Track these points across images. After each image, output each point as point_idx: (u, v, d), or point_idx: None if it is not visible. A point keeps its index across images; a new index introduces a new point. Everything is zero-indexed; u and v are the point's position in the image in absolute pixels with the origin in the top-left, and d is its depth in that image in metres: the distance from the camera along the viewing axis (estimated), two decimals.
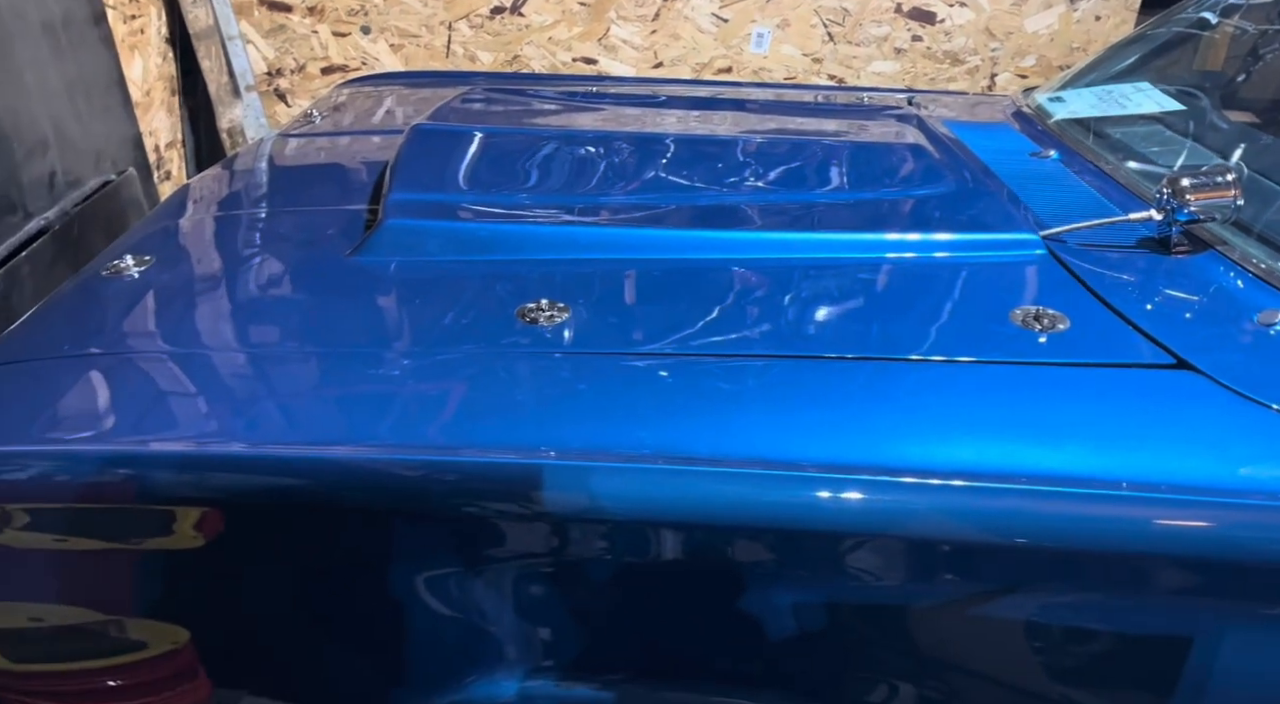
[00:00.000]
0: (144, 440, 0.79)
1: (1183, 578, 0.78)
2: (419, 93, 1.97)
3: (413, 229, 1.08)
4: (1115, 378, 0.87)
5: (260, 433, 0.80)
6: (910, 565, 0.79)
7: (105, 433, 0.80)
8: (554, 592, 0.82)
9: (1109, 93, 1.86)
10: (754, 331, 0.94)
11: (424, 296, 0.99)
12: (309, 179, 1.40)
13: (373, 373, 0.86)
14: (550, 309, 0.95)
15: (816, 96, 2.09)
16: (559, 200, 1.20)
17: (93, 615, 0.83)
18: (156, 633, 0.84)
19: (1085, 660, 0.82)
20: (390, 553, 0.81)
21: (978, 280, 1.06)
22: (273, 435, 0.80)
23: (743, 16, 3.06)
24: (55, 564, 0.83)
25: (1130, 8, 3.16)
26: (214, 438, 0.79)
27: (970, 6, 3.10)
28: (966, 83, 3.20)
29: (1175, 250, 1.12)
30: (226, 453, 0.78)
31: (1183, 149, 1.57)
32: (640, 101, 1.79)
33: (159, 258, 1.08)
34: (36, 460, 0.78)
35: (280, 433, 0.80)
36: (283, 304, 0.98)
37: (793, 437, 0.80)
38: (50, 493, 0.78)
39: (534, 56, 3.10)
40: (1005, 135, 1.69)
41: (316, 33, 3.12)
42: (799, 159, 1.39)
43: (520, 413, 0.81)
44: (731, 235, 1.11)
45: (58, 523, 0.80)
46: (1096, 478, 0.76)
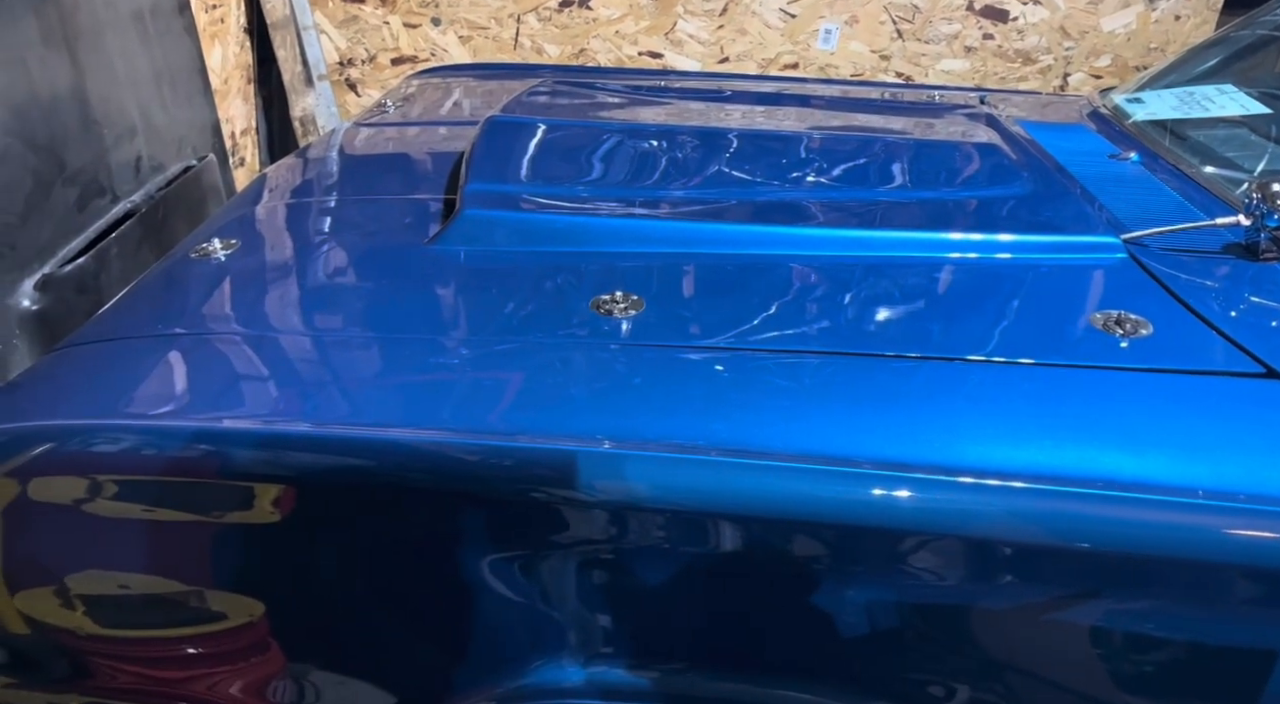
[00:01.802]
0: (225, 417, 0.82)
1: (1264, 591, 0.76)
2: (487, 84, 2.00)
3: (490, 219, 1.10)
4: (1203, 385, 0.85)
5: (335, 414, 0.82)
6: (984, 567, 0.78)
7: (189, 409, 0.83)
8: (617, 580, 0.82)
9: (1190, 94, 1.81)
10: (834, 328, 0.94)
11: (501, 286, 1.00)
12: (383, 168, 1.43)
13: (450, 359, 0.88)
14: (624, 301, 0.96)
15: (885, 93, 2.07)
16: (631, 193, 1.21)
17: (175, 586, 0.87)
18: (234, 605, 0.87)
19: (1157, 672, 0.80)
20: (458, 536, 0.82)
21: (1056, 282, 1.04)
22: (348, 417, 0.82)
23: (811, 12, 3.03)
24: (141, 534, 0.86)
25: (1213, 8, 3.07)
26: (290, 417, 0.81)
27: (1045, 4, 3.03)
28: (1038, 82, 3.13)
29: (1264, 257, 1.09)
30: (301, 432, 0.80)
31: (1268, 153, 1.52)
32: (708, 96, 1.79)
33: (244, 242, 1.11)
34: (126, 434, 0.81)
35: (356, 415, 0.82)
36: (363, 290, 1.01)
37: (874, 434, 0.80)
38: (138, 465, 0.81)
39: (600, 50, 3.11)
40: (1082, 136, 1.66)
41: (388, 24, 3.16)
42: (871, 156, 1.38)
43: (595, 401, 0.82)
44: (805, 232, 1.11)
45: (144, 494, 0.83)
46: (1182, 486, 0.74)
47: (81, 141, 1.58)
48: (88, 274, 1.42)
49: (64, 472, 0.82)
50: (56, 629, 0.87)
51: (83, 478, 0.82)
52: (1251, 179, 1.35)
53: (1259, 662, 0.78)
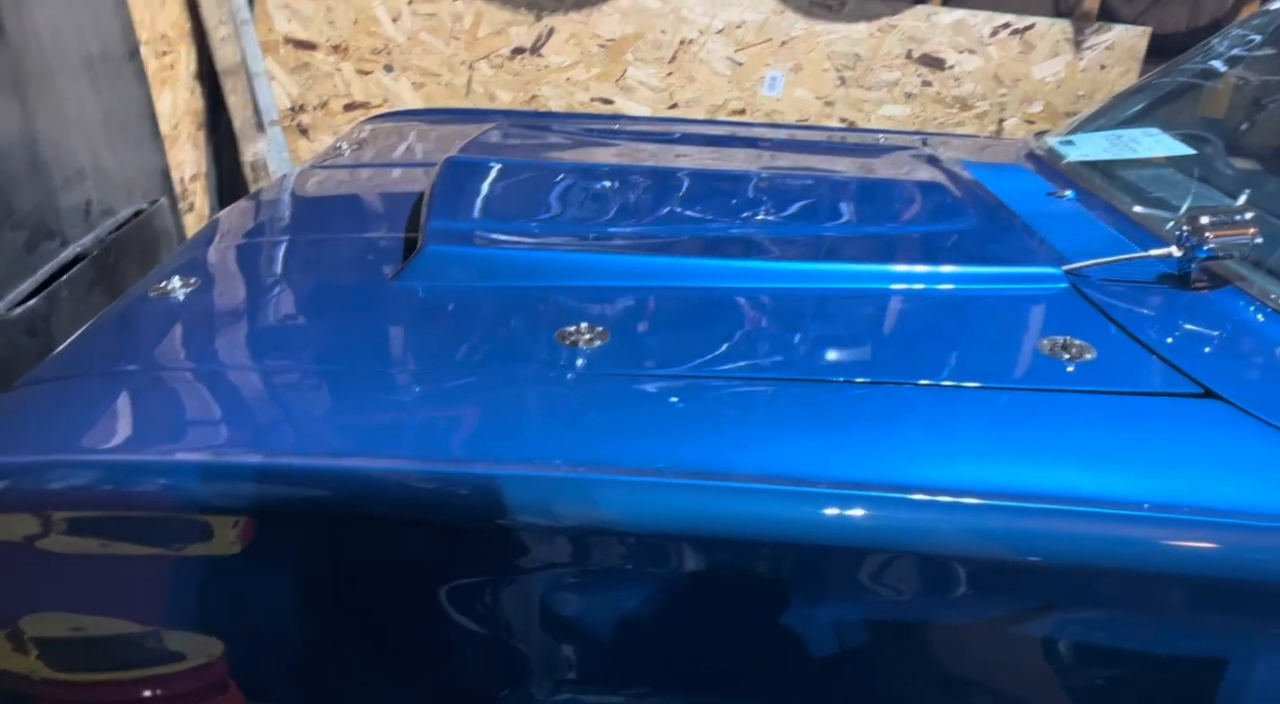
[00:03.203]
0: (183, 450, 0.81)
1: (1209, 601, 0.79)
2: (441, 129, 2.02)
3: (452, 255, 1.11)
4: (1145, 406, 0.89)
5: (300, 445, 0.82)
6: (941, 585, 0.80)
7: (148, 444, 0.82)
8: (584, 605, 0.83)
9: (1119, 137, 1.90)
10: (790, 358, 0.97)
11: (465, 319, 1.02)
12: (341, 209, 1.44)
13: (417, 391, 0.89)
14: (589, 333, 0.97)
15: (832, 136, 2.14)
16: (589, 230, 1.24)
17: (132, 626, 0.85)
18: (193, 644, 0.85)
19: (1112, 684, 0.83)
20: (420, 567, 0.82)
21: (1003, 311, 1.09)
22: (313, 448, 0.81)
23: (757, 60, 3.13)
24: (97, 573, 0.84)
25: (1135, 57, 3.23)
26: (254, 449, 0.81)
27: (979, 53, 3.17)
28: (975, 127, 3.26)
29: (1195, 286, 1.15)
30: (261, 464, 0.80)
31: (1193, 191, 1.60)
32: (661, 138, 1.83)
33: (203, 281, 1.11)
34: (83, 470, 0.80)
35: (321, 446, 0.82)
36: (328, 325, 1.01)
37: (831, 457, 0.82)
38: (94, 501, 0.80)
39: (552, 96, 3.16)
40: (1021, 175, 1.73)
41: (340, 70, 3.18)
42: (823, 194, 1.43)
43: (563, 428, 0.83)
44: (763, 266, 1.14)
45: (100, 531, 0.81)
46: (1129, 501, 0.77)
47: (30, 185, 1.56)
48: (38, 317, 1.39)
49: (18, 509, 0.80)
50: (8, 674, 0.85)
51: (37, 515, 0.80)
52: (1179, 214, 1.42)
53: (1206, 669, 0.80)
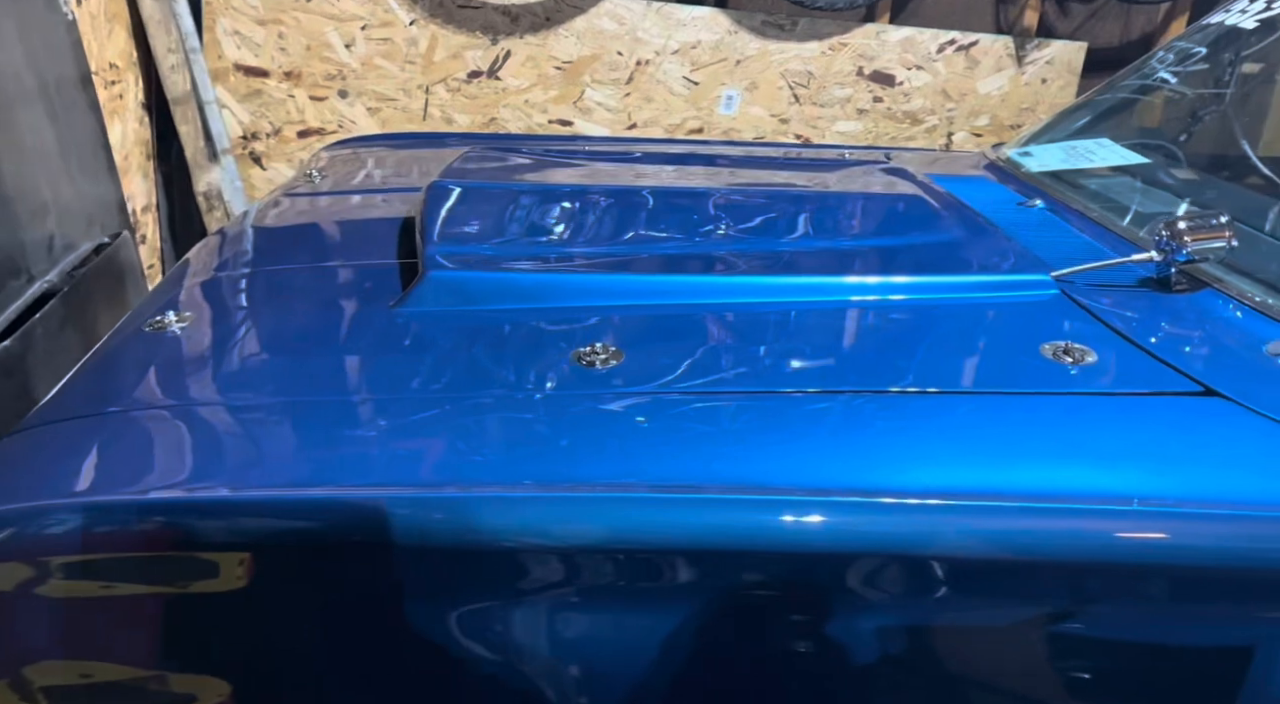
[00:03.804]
0: (194, 487, 0.79)
1: (1234, 593, 0.82)
2: (405, 153, 2.01)
3: (455, 280, 1.10)
4: (1151, 406, 0.93)
5: (323, 477, 0.80)
6: (976, 588, 0.81)
7: (155, 483, 0.80)
8: (591, 627, 0.82)
9: (1074, 148, 1.97)
10: (804, 368, 0.98)
11: (474, 344, 1.01)
12: (328, 236, 1.42)
13: (438, 417, 0.88)
14: (605, 352, 0.97)
15: (799, 153, 2.18)
16: (587, 250, 1.24)
17: (138, 671, 0.82)
18: (201, 687, 0.83)
19: (1130, 680, 0.85)
20: (435, 596, 0.81)
21: (1001, 319, 1.12)
22: (327, 481, 0.80)
23: (713, 80, 3.17)
24: (102, 618, 0.81)
25: (1073, 71, 3.35)
26: (275, 484, 0.79)
27: (927, 69, 3.25)
28: (925, 141, 3.34)
29: (1175, 288, 1.20)
30: (272, 498, 0.78)
31: (1151, 196, 1.67)
32: (645, 158, 1.85)
33: (198, 314, 1.08)
34: (74, 513, 0.78)
35: (337, 479, 0.81)
36: (334, 355, 0.99)
37: (846, 465, 0.84)
38: (98, 544, 0.78)
39: (510, 118, 3.16)
40: (988, 187, 1.78)
41: (293, 97, 3.14)
42: (815, 210, 1.45)
43: (598, 451, 0.83)
44: (767, 281, 1.15)
45: (104, 574, 0.79)
46: (1153, 497, 0.80)
47: None
48: (13, 357, 1.35)
49: (20, 557, 0.78)
50: None
51: (41, 562, 0.78)
52: (1153, 220, 1.48)
53: (1225, 662, 0.83)
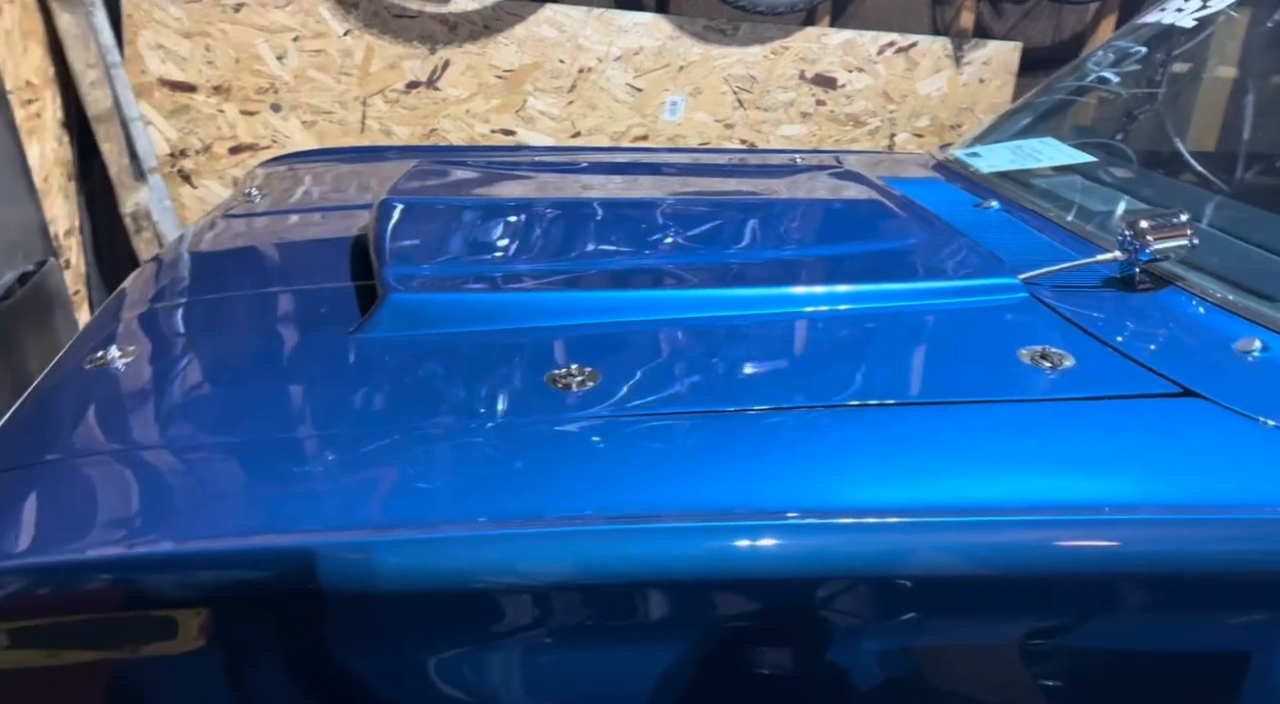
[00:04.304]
0: (162, 539, 0.73)
1: (1225, 597, 0.82)
2: (351, 168, 1.94)
3: (417, 303, 1.05)
4: (1133, 409, 0.92)
5: (319, 517, 0.75)
6: (950, 607, 0.79)
7: (93, 541, 0.74)
8: (546, 668, 0.78)
9: (1020, 147, 1.99)
10: (787, 385, 0.95)
11: (444, 369, 0.96)
12: (272, 259, 1.35)
13: (414, 449, 0.83)
14: (580, 374, 0.94)
15: (751, 159, 2.16)
16: (554, 266, 1.20)
17: None
18: None
19: (1119, 690, 0.84)
20: (404, 640, 0.76)
21: (973, 325, 1.10)
22: (306, 523, 0.75)
23: (656, 86, 3.15)
24: (45, 690, 0.75)
25: (1010, 70, 3.41)
26: (207, 535, 0.74)
27: (868, 72, 3.28)
28: (868, 143, 3.37)
29: (1140, 287, 1.20)
30: (212, 549, 0.73)
31: (1102, 195, 1.69)
32: (596, 169, 1.81)
33: (143, 347, 1.02)
34: (13, 577, 0.71)
35: (293, 525, 0.76)
36: (296, 387, 0.94)
37: (832, 479, 0.81)
38: (31, 609, 0.72)
39: (451, 129, 3.10)
40: (942, 189, 1.78)
41: (223, 111, 3.04)
42: (775, 218, 1.43)
43: (580, 480, 0.79)
44: (741, 293, 1.13)
45: (43, 642, 0.73)
46: (1143, 504, 0.79)
47: None
48: None
49: None
50: None
51: None
52: (1109, 219, 1.49)
53: (1219, 665, 0.82)
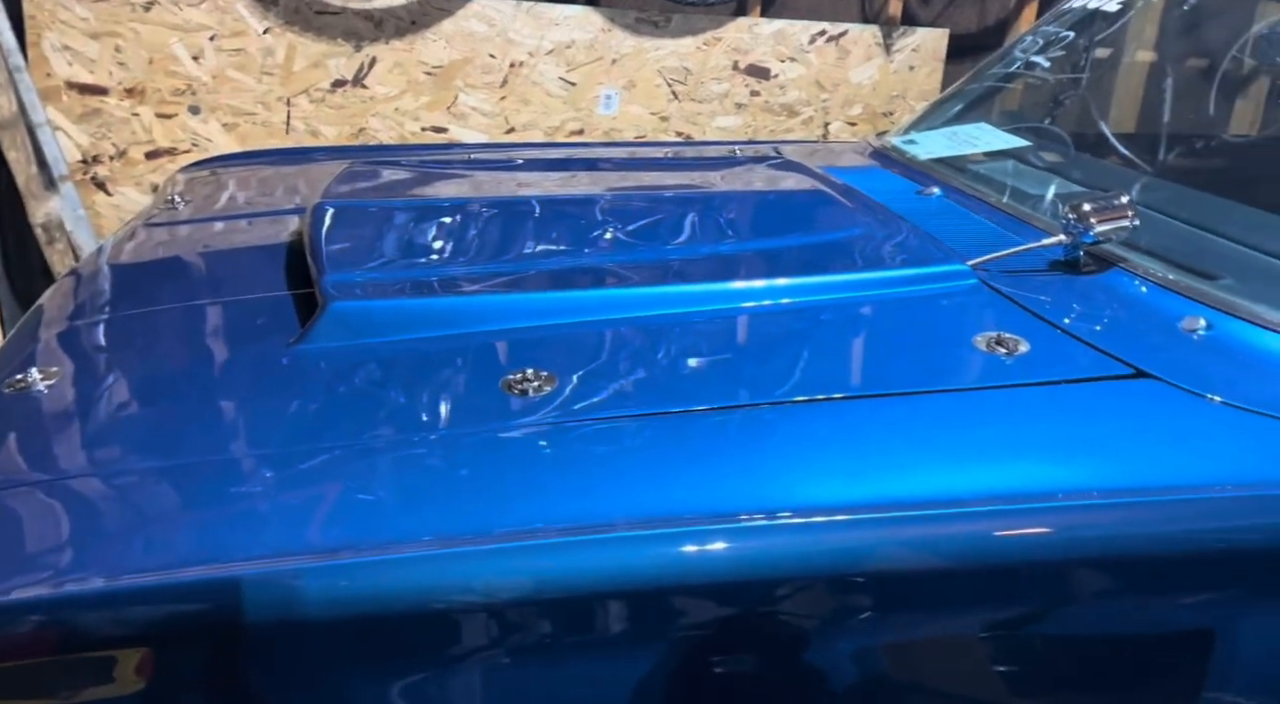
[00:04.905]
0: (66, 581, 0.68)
1: (1184, 577, 0.82)
2: (278, 171, 1.87)
3: (359, 310, 1.01)
4: (1088, 392, 0.92)
5: (232, 550, 0.71)
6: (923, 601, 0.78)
7: (18, 581, 0.69)
8: (502, 687, 0.76)
9: (955, 133, 2.01)
10: (743, 381, 0.94)
11: (393, 379, 0.92)
12: (200, 269, 1.29)
13: (367, 465, 0.79)
14: (537, 378, 0.90)
15: (693, 152, 2.14)
16: (500, 268, 1.16)
17: None
18: None
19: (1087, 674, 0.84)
20: (355, 673, 0.73)
21: (927, 313, 1.10)
22: (247, 551, 0.71)
23: (590, 80, 3.11)
24: None
25: (938, 58, 3.46)
26: (141, 569, 0.69)
27: (800, 61, 3.29)
28: (803, 132, 3.38)
29: (1084, 270, 1.21)
30: (145, 584, 0.68)
31: (1038, 178, 1.71)
32: (533, 165, 1.77)
33: (65, 369, 0.95)
34: None
35: (256, 546, 0.72)
36: (237, 405, 0.89)
37: (798, 481, 0.80)
38: None
39: (381, 128, 3.02)
40: (882, 177, 1.79)
41: (137, 115, 2.91)
42: (717, 212, 1.41)
43: (535, 490, 0.77)
44: (692, 289, 1.10)
45: None
46: (1114, 488, 0.79)
47: None
48: None
49: None
50: None
51: None
52: (1048, 202, 1.51)
53: (1186, 645, 0.83)
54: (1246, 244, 1.22)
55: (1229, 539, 0.80)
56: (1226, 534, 0.81)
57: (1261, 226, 1.26)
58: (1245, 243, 1.23)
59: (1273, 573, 0.81)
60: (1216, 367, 0.97)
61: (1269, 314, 1.02)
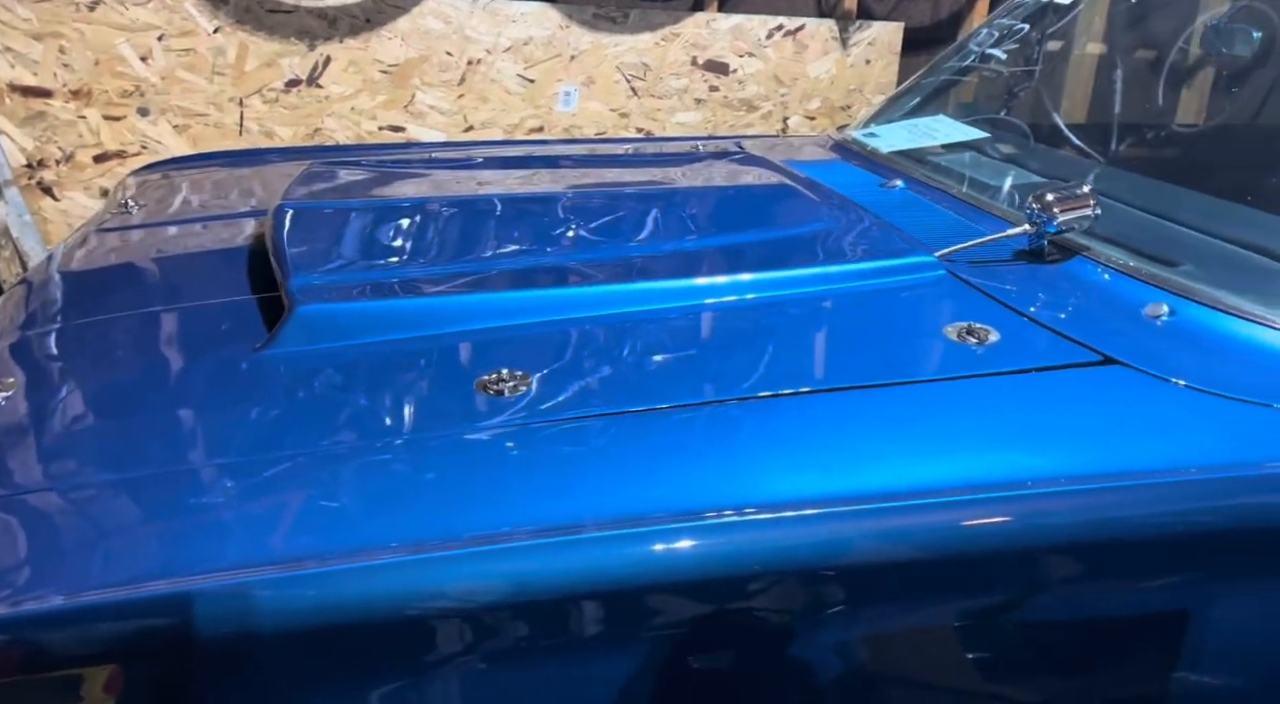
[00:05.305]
0: (24, 599, 0.66)
1: (1157, 561, 0.84)
2: (233, 173, 1.83)
3: (327, 313, 0.99)
4: (1059, 380, 0.94)
5: (197, 563, 0.69)
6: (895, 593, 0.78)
7: None
8: (480, 688, 0.75)
9: (915, 126, 2.03)
10: (716, 376, 0.93)
11: (365, 383, 0.91)
12: (158, 275, 1.26)
13: (341, 470, 0.78)
14: (512, 378, 0.89)
15: (647, 148, 2.14)
16: (467, 268, 1.15)
17: None
18: None
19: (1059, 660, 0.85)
20: (321, 678, 0.71)
21: (899, 305, 1.11)
22: (212, 562, 0.69)
23: (549, 76, 3.09)
24: None
25: (893, 51, 3.49)
26: (103, 585, 0.68)
27: (758, 56, 3.30)
28: (762, 127, 3.40)
29: (1049, 259, 1.23)
30: (109, 600, 0.67)
31: (998, 169, 1.74)
32: (493, 163, 1.75)
33: (22, 379, 0.92)
34: None
35: (221, 558, 0.70)
36: (205, 413, 0.86)
37: (777, 475, 0.80)
38: None
39: (337, 128, 2.97)
40: (845, 170, 1.80)
41: (84, 117, 2.83)
42: (687, 208, 1.41)
43: (507, 493, 0.76)
44: (663, 286, 1.10)
45: None
46: (1092, 473, 0.80)
47: None
48: None
49: None
50: None
51: None
52: (1014, 191, 1.53)
53: (1138, 631, 0.84)
54: (1203, 231, 1.25)
55: (1196, 521, 0.82)
56: (1193, 516, 0.82)
57: (1217, 214, 1.29)
58: (1202, 229, 1.25)
59: (1240, 553, 0.83)
60: (1180, 351, 0.99)
61: (1229, 299, 1.04)
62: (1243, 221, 1.25)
